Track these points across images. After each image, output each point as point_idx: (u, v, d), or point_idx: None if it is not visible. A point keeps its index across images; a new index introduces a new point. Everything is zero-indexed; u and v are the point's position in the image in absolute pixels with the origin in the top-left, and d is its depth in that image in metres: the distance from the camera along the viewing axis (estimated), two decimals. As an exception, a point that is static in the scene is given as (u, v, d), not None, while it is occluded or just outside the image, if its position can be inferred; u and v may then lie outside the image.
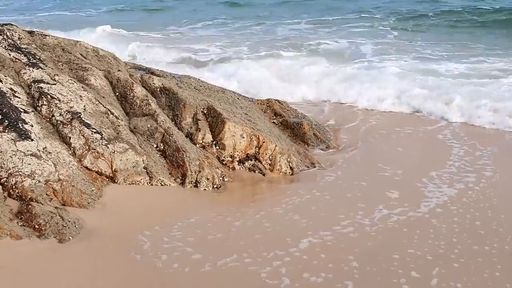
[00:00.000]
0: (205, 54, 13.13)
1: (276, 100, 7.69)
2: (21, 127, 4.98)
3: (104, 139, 5.26)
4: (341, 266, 4.04)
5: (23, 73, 5.68)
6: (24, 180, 4.58)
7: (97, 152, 5.15)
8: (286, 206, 5.11)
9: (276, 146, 5.98)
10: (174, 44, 14.50)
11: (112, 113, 5.65)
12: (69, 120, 5.29)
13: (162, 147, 5.60)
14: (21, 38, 6.25)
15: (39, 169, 4.70)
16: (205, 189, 5.34)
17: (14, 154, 4.72)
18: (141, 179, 5.20)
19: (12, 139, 4.82)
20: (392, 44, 13.66)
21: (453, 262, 4.14)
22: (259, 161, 5.95)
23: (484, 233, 4.60)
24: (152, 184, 5.22)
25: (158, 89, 6.26)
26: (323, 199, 5.29)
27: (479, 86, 9.10)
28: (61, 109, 5.36)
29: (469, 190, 5.48)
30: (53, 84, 5.61)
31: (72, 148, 5.13)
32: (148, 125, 5.70)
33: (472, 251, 4.32)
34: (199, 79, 7.14)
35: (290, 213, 4.96)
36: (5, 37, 6.14)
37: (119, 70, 6.44)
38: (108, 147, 5.21)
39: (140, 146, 5.44)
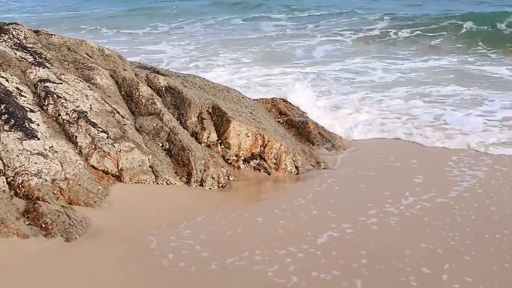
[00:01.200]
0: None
1: (281, 99, 7.71)
2: (27, 126, 4.99)
3: (110, 138, 5.27)
4: (351, 263, 4.04)
5: (29, 72, 5.69)
6: (31, 179, 4.59)
7: (103, 151, 5.17)
8: (308, 197, 5.21)
9: (281, 145, 5.98)
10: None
11: (118, 112, 5.66)
12: (76, 119, 5.30)
13: (167, 146, 5.61)
14: (26, 37, 6.26)
15: (46, 168, 4.71)
16: (210, 188, 5.35)
17: (20, 153, 4.73)
18: (147, 178, 5.21)
19: (18, 138, 4.83)
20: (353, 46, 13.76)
21: (464, 255, 4.15)
22: (264, 160, 5.96)
23: (498, 219, 4.64)
24: (158, 183, 5.23)
25: (163, 88, 6.27)
26: (340, 192, 5.38)
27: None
28: (67, 108, 5.37)
29: (497, 172, 5.63)
30: (59, 83, 5.62)
31: (78, 147, 5.14)
32: (154, 124, 5.71)
33: (484, 240, 4.36)
34: (204, 78, 7.14)
35: (311, 206, 5.01)
36: (10, 36, 6.14)
37: (124, 70, 6.44)
38: (114, 146, 5.22)
39: (145, 145, 5.45)
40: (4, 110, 5.04)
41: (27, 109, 5.22)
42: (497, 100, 8.48)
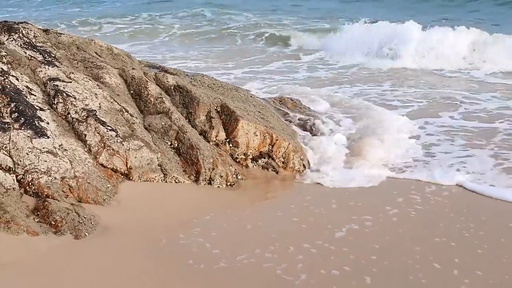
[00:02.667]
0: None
1: (289, 97, 7.72)
2: (37, 124, 5.02)
3: (119, 136, 5.29)
4: (361, 259, 4.03)
5: (39, 71, 5.73)
6: (41, 177, 4.62)
7: (112, 149, 5.18)
8: (323, 192, 5.29)
9: (289, 144, 5.98)
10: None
11: (127, 111, 5.68)
12: (85, 117, 5.32)
13: (176, 144, 5.62)
14: (36, 36, 6.30)
15: (55, 166, 4.73)
16: (219, 187, 5.36)
17: (30, 151, 4.76)
18: (155, 176, 5.22)
19: (28, 136, 4.86)
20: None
21: (478, 248, 4.15)
22: (273, 159, 5.96)
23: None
24: (166, 182, 5.24)
25: (172, 87, 6.28)
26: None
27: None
28: (76, 106, 5.40)
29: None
30: (68, 82, 5.65)
31: (87, 146, 5.17)
32: (162, 123, 5.72)
33: (497, 231, 4.39)
34: (212, 77, 7.16)
35: (329, 201, 5.10)
36: (20, 35, 6.18)
37: (133, 68, 6.47)
38: (123, 145, 5.24)
39: (154, 144, 5.47)
40: (14, 109, 5.08)
41: (37, 107, 5.25)
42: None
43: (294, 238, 4.35)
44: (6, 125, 4.89)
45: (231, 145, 5.87)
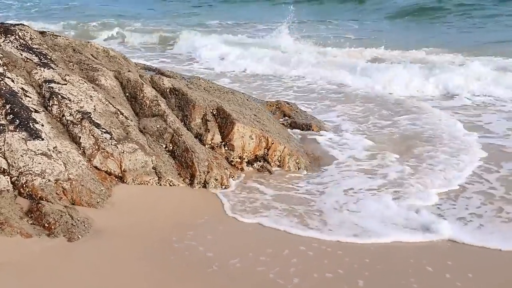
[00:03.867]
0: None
1: (285, 101, 7.73)
2: (31, 126, 5.01)
3: (114, 139, 5.28)
4: (355, 263, 4.02)
5: (35, 73, 5.72)
6: (34, 179, 4.61)
7: (107, 152, 5.18)
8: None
9: (285, 147, 5.98)
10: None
11: (122, 113, 5.67)
12: (79, 120, 5.32)
13: (171, 147, 5.61)
14: (32, 38, 6.30)
15: (49, 168, 4.72)
16: (213, 190, 5.35)
17: (24, 153, 4.75)
18: (150, 179, 5.21)
19: (23, 138, 4.85)
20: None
21: (472, 250, 4.19)
22: (268, 162, 5.95)
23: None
24: (160, 184, 5.23)
25: (167, 90, 6.28)
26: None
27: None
28: (71, 109, 5.39)
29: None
30: (64, 84, 5.65)
31: (82, 148, 5.16)
32: (158, 126, 5.72)
33: None
34: (208, 80, 7.16)
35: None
36: (16, 37, 6.18)
37: (129, 71, 6.47)
38: (117, 147, 5.23)
39: (149, 147, 5.46)
40: (9, 111, 5.07)
41: (32, 109, 5.25)
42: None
43: (289, 240, 4.35)
44: (1, 127, 4.89)
45: (226, 148, 5.87)
